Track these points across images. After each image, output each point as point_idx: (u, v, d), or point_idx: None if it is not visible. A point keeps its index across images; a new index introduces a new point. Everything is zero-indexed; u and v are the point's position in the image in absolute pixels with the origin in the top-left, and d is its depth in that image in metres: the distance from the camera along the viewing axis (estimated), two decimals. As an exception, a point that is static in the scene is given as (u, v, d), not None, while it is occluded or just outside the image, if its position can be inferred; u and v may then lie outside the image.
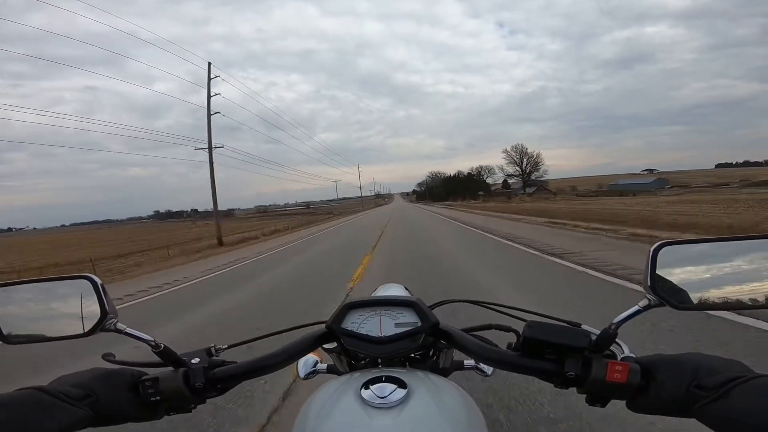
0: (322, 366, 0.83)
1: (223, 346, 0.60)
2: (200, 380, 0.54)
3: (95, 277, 0.54)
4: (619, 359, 0.49)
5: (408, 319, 0.59)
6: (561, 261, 6.45)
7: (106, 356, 0.55)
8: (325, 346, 0.66)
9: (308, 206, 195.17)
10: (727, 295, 0.48)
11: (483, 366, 0.78)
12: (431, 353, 0.67)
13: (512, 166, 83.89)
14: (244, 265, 10.14)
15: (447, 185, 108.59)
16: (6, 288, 0.56)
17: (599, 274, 5.20)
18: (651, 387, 0.45)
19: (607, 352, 0.50)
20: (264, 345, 0.66)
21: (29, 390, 0.44)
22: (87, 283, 0.54)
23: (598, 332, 0.51)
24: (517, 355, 0.53)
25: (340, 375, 0.67)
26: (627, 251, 6.80)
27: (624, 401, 0.48)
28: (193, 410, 0.56)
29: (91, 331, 0.53)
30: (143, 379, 0.52)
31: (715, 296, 0.48)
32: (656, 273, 0.48)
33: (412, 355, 0.64)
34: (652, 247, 0.49)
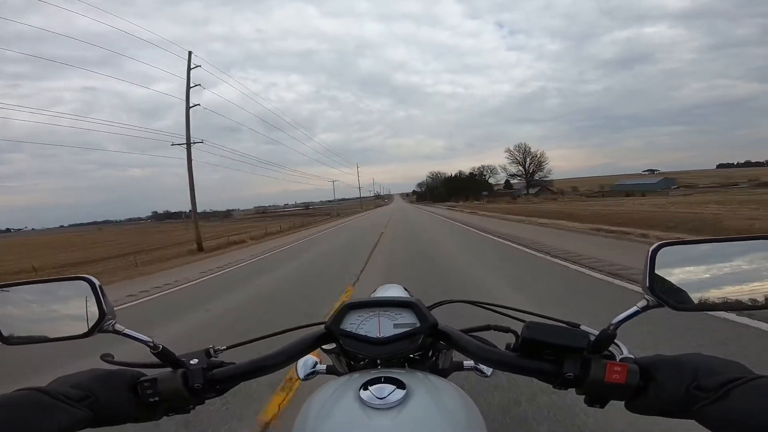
0: (322, 367, 0.83)
1: (222, 347, 0.61)
2: (199, 381, 0.54)
3: (94, 279, 0.54)
4: (618, 360, 0.49)
5: (407, 319, 0.59)
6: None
7: (105, 357, 0.56)
8: (324, 347, 0.66)
9: (307, 207, 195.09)
10: (727, 295, 0.48)
11: (482, 367, 0.78)
12: (430, 354, 0.67)
13: (515, 166, 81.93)
14: (211, 279, 8.65)
15: (448, 185, 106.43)
16: (5, 289, 0.56)
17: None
18: (650, 388, 0.45)
19: (606, 353, 0.50)
20: (263, 346, 0.66)
21: (28, 391, 0.44)
22: (85, 285, 0.54)
23: (596, 333, 0.51)
24: (516, 356, 0.53)
25: (339, 376, 0.67)
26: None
27: (623, 402, 0.48)
28: (192, 411, 0.57)
29: (90, 332, 0.54)
30: (142, 379, 0.53)
31: (715, 297, 0.49)
32: (655, 273, 0.49)
33: (412, 356, 0.64)
34: (651, 248, 0.49)
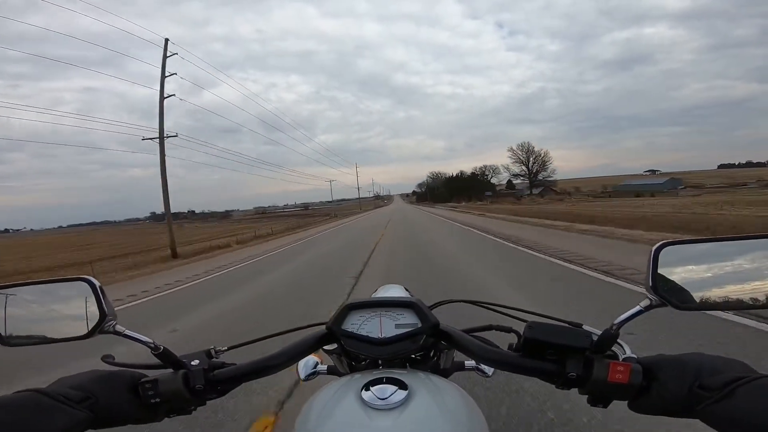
0: (323, 367, 0.83)
1: (223, 348, 0.61)
2: (200, 382, 0.54)
3: (94, 280, 0.55)
4: (620, 360, 0.49)
5: (408, 320, 0.59)
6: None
7: (106, 358, 0.56)
8: (326, 347, 0.66)
9: (306, 207, 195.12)
10: (729, 294, 0.48)
11: (484, 367, 0.78)
12: (432, 354, 0.68)
13: (518, 166, 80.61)
14: (168, 295, 7.15)
15: (449, 186, 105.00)
16: (5, 290, 0.56)
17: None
18: (653, 387, 0.46)
19: (609, 353, 0.51)
20: (264, 347, 0.66)
21: (28, 392, 0.44)
22: (86, 285, 0.54)
23: (599, 333, 0.51)
24: (518, 356, 0.53)
25: (340, 376, 0.67)
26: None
27: (626, 402, 0.48)
28: (193, 412, 0.57)
29: (90, 333, 0.54)
30: (143, 381, 0.53)
31: (717, 296, 0.49)
32: (658, 273, 0.49)
33: (413, 356, 0.64)
34: (654, 247, 0.50)
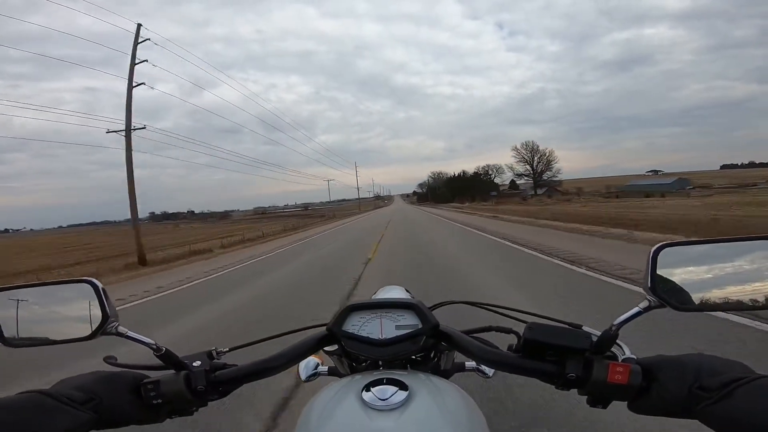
0: (324, 368, 0.84)
1: (225, 349, 0.61)
2: (201, 383, 0.55)
3: (97, 281, 0.55)
4: (620, 360, 0.50)
5: (408, 321, 0.60)
6: None
7: (108, 359, 0.56)
8: (326, 348, 0.67)
9: (306, 208, 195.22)
10: (728, 295, 0.49)
11: (484, 368, 0.78)
12: (432, 355, 0.68)
13: (522, 165, 78.05)
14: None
15: (451, 185, 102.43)
16: (8, 292, 0.57)
17: None
18: (653, 388, 0.46)
19: (608, 354, 0.51)
20: (265, 348, 0.67)
21: (32, 393, 0.45)
22: (88, 287, 0.55)
23: (599, 334, 0.51)
24: (518, 357, 0.54)
25: (341, 377, 0.67)
26: None
27: (625, 402, 0.49)
28: (195, 413, 0.57)
29: (93, 335, 0.54)
30: (145, 381, 0.54)
31: (716, 297, 0.49)
32: (657, 274, 0.49)
33: (414, 357, 0.65)
34: (653, 249, 0.50)
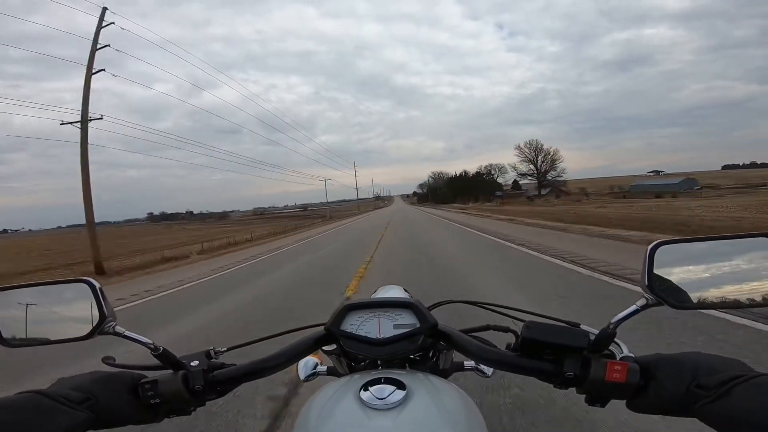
0: (322, 368, 0.84)
1: (223, 349, 0.62)
2: (199, 383, 0.55)
3: (94, 281, 0.56)
4: (618, 359, 0.50)
5: (407, 320, 0.60)
6: None
7: (106, 359, 0.57)
8: (325, 348, 0.67)
9: (305, 208, 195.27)
10: (725, 294, 0.49)
11: (483, 367, 0.79)
12: (431, 355, 0.69)
13: (525, 165, 76.19)
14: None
15: (452, 185, 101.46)
16: (5, 292, 0.57)
17: None
18: (651, 386, 0.46)
19: (606, 352, 0.51)
20: (263, 347, 0.67)
21: (29, 393, 0.45)
22: (86, 287, 0.55)
23: (596, 332, 0.52)
24: (516, 356, 0.54)
25: (340, 377, 0.68)
26: None
27: (624, 401, 0.49)
28: (193, 413, 0.58)
29: (90, 335, 0.55)
30: (143, 381, 0.54)
31: (713, 295, 0.49)
32: (654, 272, 0.50)
33: (412, 357, 0.65)
34: (649, 246, 0.50)
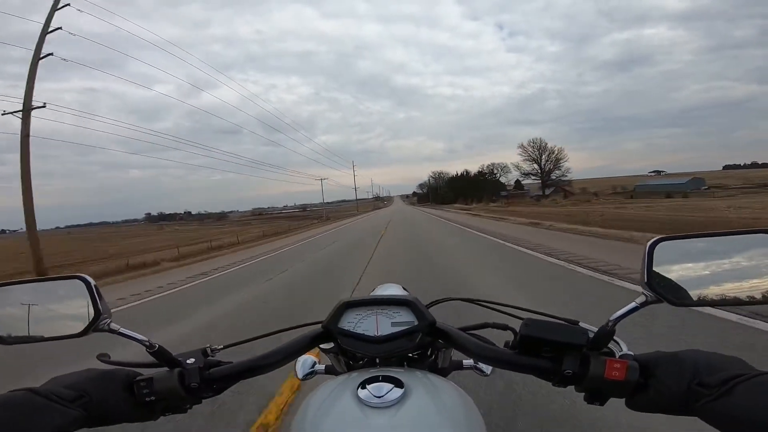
0: (320, 366, 0.84)
1: (219, 347, 0.62)
2: (195, 380, 0.55)
3: (89, 278, 0.56)
4: (617, 357, 0.50)
5: (405, 318, 0.60)
6: None
7: (101, 357, 0.57)
8: (322, 346, 0.67)
9: (305, 209, 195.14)
10: (725, 291, 0.49)
11: (482, 365, 0.79)
12: (429, 353, 0.69)
13: (529, 164, 72.51)
14: None
15: (453, 185, 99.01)
16: (0, 288, 0.57)
17: None
18: (650, 385, 0.46)
19: (605, 350, 0.51)
20: (260, 345, 0.67)
21: (21, 391, 0.45)
22: (81, 284, 0.55)
23: (595, 330, 0.52)
24: (515, 354, 0.54)
25: (337, 375, 0.68)
26: None
27: (623, 399, 0.49)
28: (189, 410, 0.58)
29: (85, 332, 0.55)
30: (138, 379, 0.54)
31: (713, 293, 0.49)
32: (653, 269, 0.50)
33: (411, 355, 0.65)
34: (648, 243, 0.50)
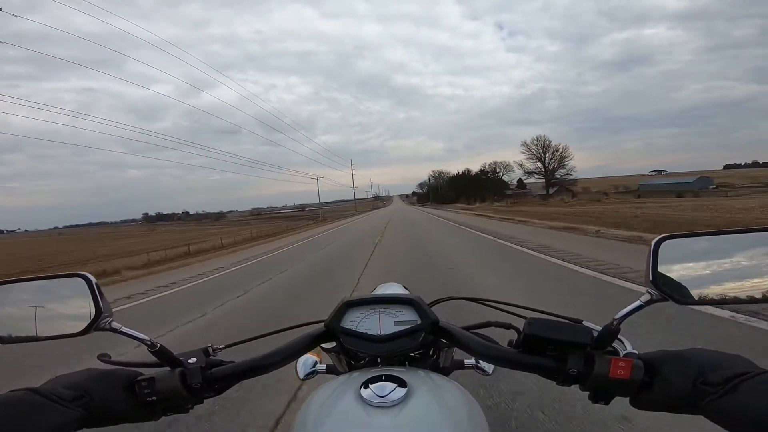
0: (321, 366, 0.84)
1: (221, 346, 0.62)
2: (197, 380, 0.55)
3: (90, 276, 0.55)
4: (621, 355, 0.50)
5: (407, 317, 0.60)
6: None
7: (102, 356, 0.56)
8: (324, 345, 0.67)
9: (303, 209, 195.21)
10: (729, 290, 0.49)
11: (483, 365, 0.79)
12: (431, 352, 0.69)
13: (532, 162, 70.56)
14: None
15: (454, 184, 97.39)
16: (0, 287, 0.57)
17: None
18: (655, 383, 0.46)
19: (610, 349, 0.52)
20: (262, 345, 0.67)
21: (21, 391, 0.45)
22: (82, 282, 0.55)
23: (599, 329, 0.52)
24: (518, 353, 0.54)
25: (339, 375, 0.68)
26: None
27: (627, 398, 0.49)
28: (190, 410, 0.58)
29: (86, 330, 0.54)
30: (139, 379, 0.54)
31: (716, 292, 0.50)
32: (657, 268, 0.50)
33: (412, 354, 0.65)
34: (653, 241, 0.50)
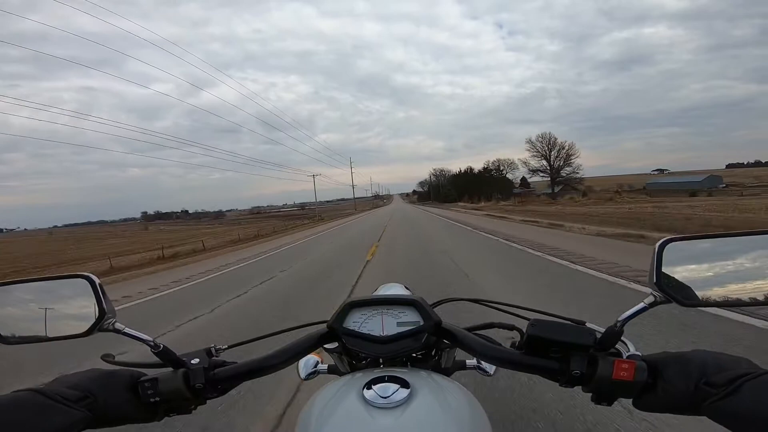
0: (323, 367, 0.85)
1: (224, 347, 0.62)
2: (200, 381, 0.55)
3: (93, 276, 0.56)
4: (624, 357, 0.50)
5: (410, 318, 0.61)
6: None
7: (105, 357, 0.57)
8: (326, 346, 0.67)
9: (303, 207, 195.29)
10: (732, 292, 0.50)
11: (485, 365, 0.80)
12: (433, 353, 0.69)
13: (537, 160, 67.44)
14: None
15: (456, 183, 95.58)
16: (3, 288, 0.57)
17: None
18: (658, 385, 0.47)
19: (613, 350, 0.52)
20: (264, 345, 0.68)
21: (25, 392, 0.45)
22: (85, 283, 0.56)
23: (602, 330, 0.52)
24: (521, 354, 0.54)
25: (341, 375, 0.68)
26: None
27: (630, 400, 0.50)
28: (193, 411, 0.58)
29: (89, 331, 0.55)
30: (142, 379, 0.54)
31: (720, 294, 0.50)
32: (662, 269, 0.50)
33: (414, 355, 0.66)
34: (658, 243, 0.51)
